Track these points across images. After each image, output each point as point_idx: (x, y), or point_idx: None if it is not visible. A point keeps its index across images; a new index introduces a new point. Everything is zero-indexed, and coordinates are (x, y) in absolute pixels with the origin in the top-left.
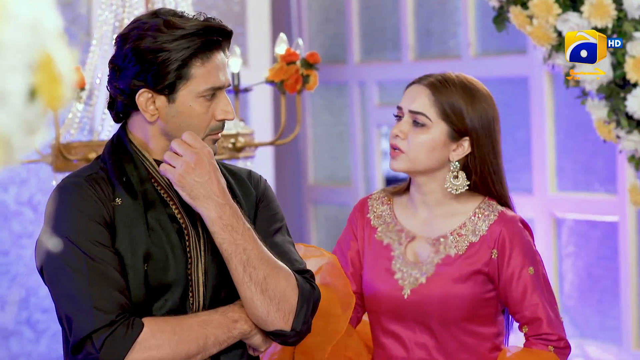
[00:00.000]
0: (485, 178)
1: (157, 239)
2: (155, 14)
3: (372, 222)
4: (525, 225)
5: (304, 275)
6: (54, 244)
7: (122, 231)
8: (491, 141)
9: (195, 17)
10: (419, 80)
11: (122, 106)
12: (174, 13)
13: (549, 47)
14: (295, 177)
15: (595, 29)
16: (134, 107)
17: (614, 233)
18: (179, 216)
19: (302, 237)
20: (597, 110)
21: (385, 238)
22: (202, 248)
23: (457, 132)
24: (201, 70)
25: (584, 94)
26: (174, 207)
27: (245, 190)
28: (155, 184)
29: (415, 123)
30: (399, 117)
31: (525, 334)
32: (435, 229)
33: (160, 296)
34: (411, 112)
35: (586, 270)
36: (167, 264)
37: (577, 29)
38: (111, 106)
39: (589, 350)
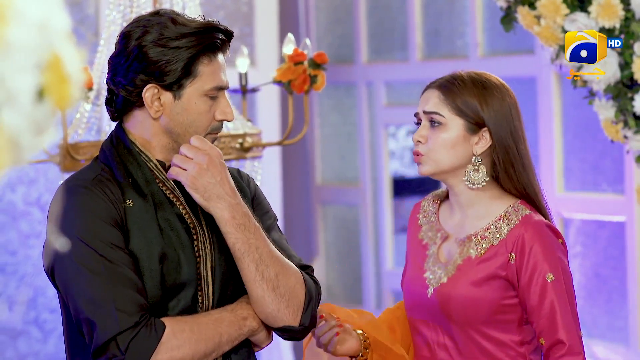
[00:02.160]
0: (508, 169)
1: (169, 239)
2: (158, 13)
3: (419, 221)
4: (554, 231)
5: (306, 270)
6: (67, 246)
7: (136, 233)
8: (510, 129)
9: (195, 18)
10: (430, 84)
11: (122, 102)
12: (175, 13)
13: (556, 47)
14: (303, 177)
15: (603, 29)
16: (136, 104)
17: (621, 233)
18: (186, 216)
19: (310, 238)
20: (605, 110)
21: (425, 237)
22: (209, 247)
23: (475, 124)
24: (208, 69)
25: (592, 94)
26: (180, 207)
27: (241, 188)
28: (160, 185)
29: (432, 123)
30: (418, 124)
31: (542, 348)
32: (465, 229)
33: (174, 296)
34: (425, 113)
35: (594, 270)
36: (179, 264)
37: (585, 29)
38: (110, 102)
39: (596, 351)
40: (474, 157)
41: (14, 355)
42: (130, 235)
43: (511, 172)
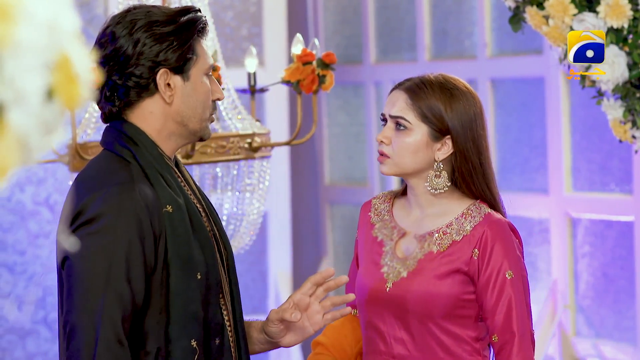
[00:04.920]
0: (466, 177)
1: (202, 242)
2: (128, 11)
3: (371, 220)
4: (514, 231)
5: None
6: (94, 252)
7: (175, 240)
8: (472, 138)
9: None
10: (398, 85)
11: (129, 95)
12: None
13: (564, 47)
14: (312, 177)
15: (611, 29)
16: (147, 93)
17: (629, 233)
18: (205, 222)
19: (318, 237)
20: (613, 110)
21: (380, 234)
22: (223, 252)
23: (438, 131)
24: (202, 49)
25: (600, 94)
26: (200, 209)
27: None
28: (182, 184)
29: (397, 127)
30: (384, 124)
31: (493, 345)
32: (424, 226)
33: (211, 295)
34: (391, 116)
35: (601, 270)
36: (210, 266)
37: (593, 29)
38: (110, 99)
39: (604, 351)
40: (435, 163)
41: (23, 355)
42: (167, 243)
43: (469, 181)
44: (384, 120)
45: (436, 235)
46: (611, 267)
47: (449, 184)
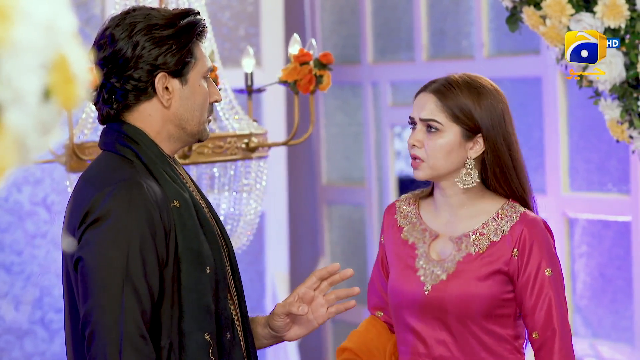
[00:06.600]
0: (497, 173)
1: (205, 236)
2: (128, 12)
3: (398, 222)
4: (547, 228)
5: None
6: (109, 248)
7: (183, 234)
8: (502, 135)
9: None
10: (424, 88)
11: (128, 98)
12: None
13: (561, 47)
14: (309, 177)
15: (608, 29)
16: (145, 97)
17: (627, 233)
18: (208, 215)
19: (315, 237)
20: (610, 110)
21: (410, 237)
22: (225, 248)
23: (470, 130)
24: (201, 52)
25: (597, 94)
26: (203, 205)
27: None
28: (187, 184)
29: (429, 129)
30: (413, 127)
31: (534, 342)
32: (458, 228)
33: (220, 289)
34: (422, 120)
35: (599, 270)
36: (218, 261)
37: (590, 29)
38: (108, 101)
39: (601, 351)
40: (467, 161)
41: (20, 355)
42: (177, 238)
43: (501, 178)
44: (413, 124)
45: (473, 236)
46: (608, 267)
47: (478, 180)
